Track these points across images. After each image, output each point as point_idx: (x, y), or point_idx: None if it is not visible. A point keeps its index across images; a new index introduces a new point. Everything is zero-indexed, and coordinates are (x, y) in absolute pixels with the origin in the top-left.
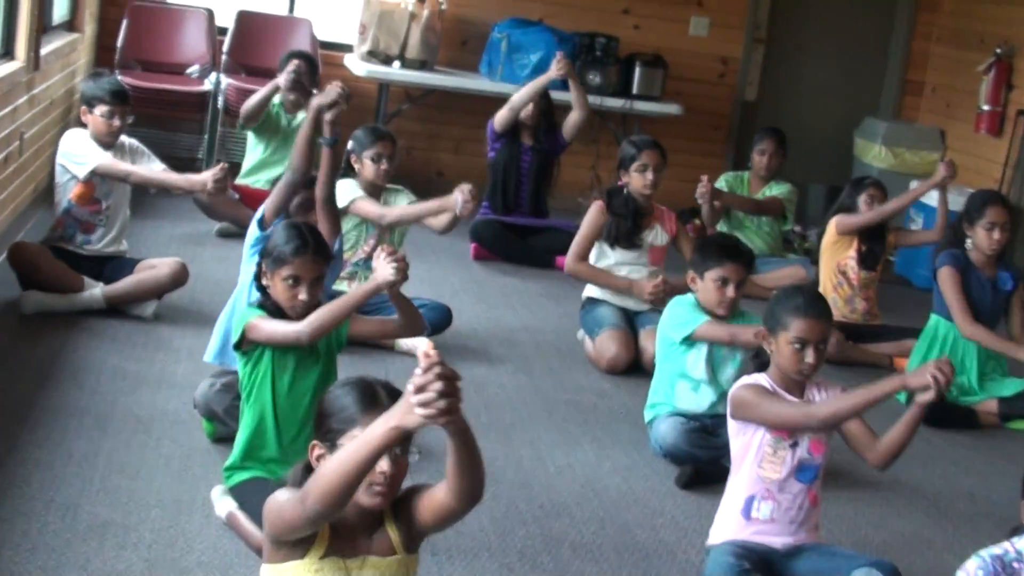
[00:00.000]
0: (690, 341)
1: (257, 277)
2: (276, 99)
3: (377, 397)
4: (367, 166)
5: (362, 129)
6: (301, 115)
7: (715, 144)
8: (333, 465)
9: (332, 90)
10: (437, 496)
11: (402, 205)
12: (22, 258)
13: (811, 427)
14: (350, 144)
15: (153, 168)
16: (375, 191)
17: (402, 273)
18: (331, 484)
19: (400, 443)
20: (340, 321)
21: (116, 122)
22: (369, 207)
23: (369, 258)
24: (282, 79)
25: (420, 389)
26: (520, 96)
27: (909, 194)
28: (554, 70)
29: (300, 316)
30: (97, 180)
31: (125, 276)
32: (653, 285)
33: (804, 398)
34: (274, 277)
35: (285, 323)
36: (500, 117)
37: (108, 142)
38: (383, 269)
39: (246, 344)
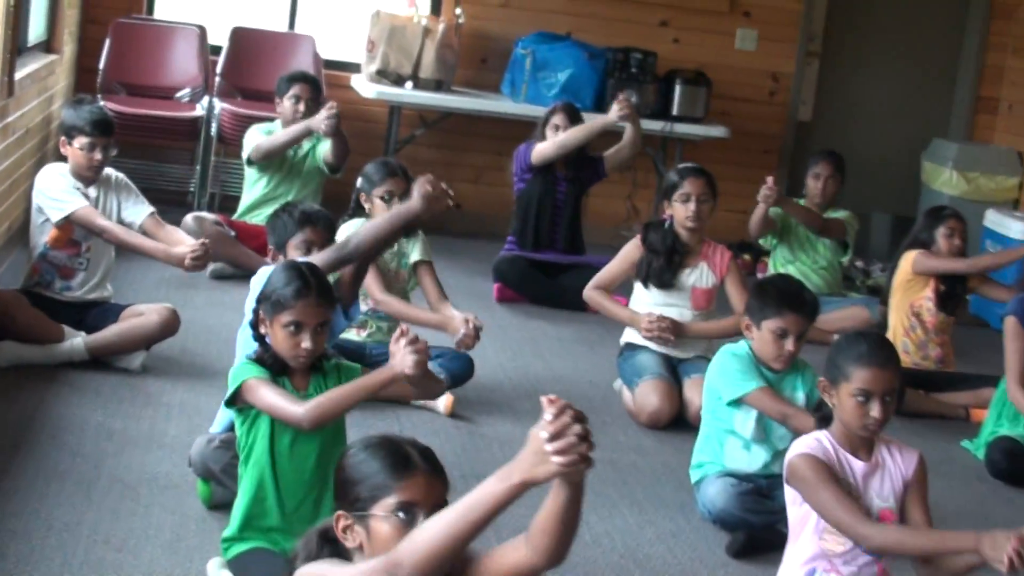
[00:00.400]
0: (739, 403)
1: (254, 325)
2: (277, 128)
3: (410, 460)
4: (377, 206)
5: (372, 164)
6: (307, 144)
7: (765, 170)
8: (437, 529)
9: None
10: (510, 557)
11: (397, 304)
12: None
13: (861, 545)
14: (359, 181)
15: (140, 216)
16: None
17: (422, 366)
18: (435, 550)
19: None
20: (346, 410)
21: (97, 155)
22: (370, 281)
23: (377, 306)
24: (321, 124)
25: (556, 436)
26: (572, 137)
27: (1013, 252)
28: (615, 112)
29: (303, 367)
30: (77, 220)
31: (109, 324)
32: (648, 321)
33: (873, 459)
34: (273, 324)
35: (286, 399)
36: (542, 152)
37: (89, 177)
38: (402, 359)
39: (240, 402)
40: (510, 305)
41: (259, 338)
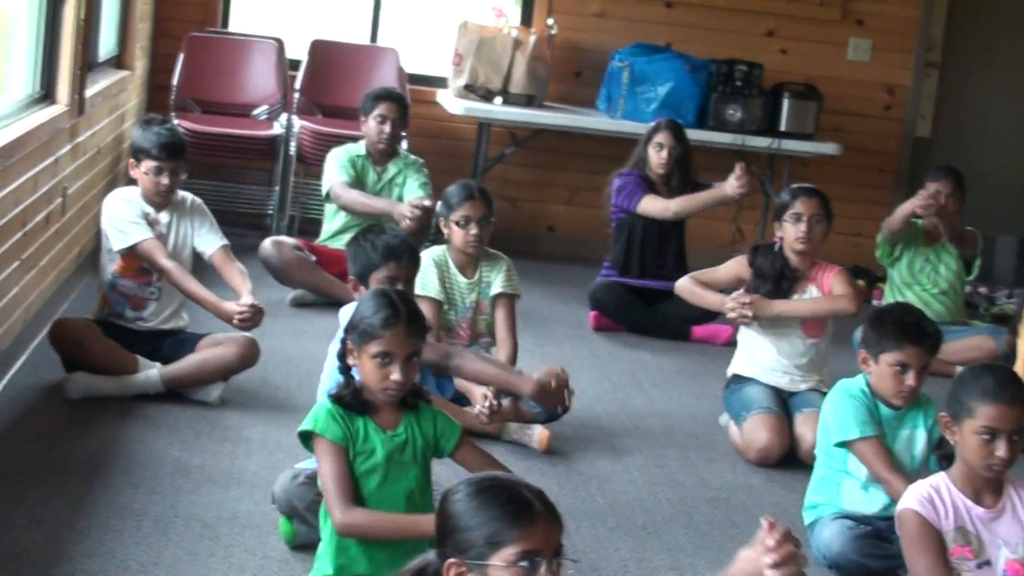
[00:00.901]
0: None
1: (342, 356)
2: (361, 150)
3: (531, 506)
4: (454, 232)
5: (452, 187)
6: (392, 168)
7: (881, 189)
8: None
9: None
10: None
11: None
12: (66, 337)
13: None
14: (439, 205)
15: (211, 247)
16: (467, 262)
17: None
18: None
19: None
20: (383, 539)
21: (164, 180)
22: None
23: (471, 341)
24: (404, 219)
25: (779, 564)
26: (682, 209)
27: None
28: (734, 186)
29: (393, 401)
30: (143, 249)
31: (186, 354)
32: (731, 300)
33: (999, 504)
34: (362, 355)
35: (337, 489)
36: (647, 210)
37: (158, 202)
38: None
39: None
40: (607, 334)
41: (345, 370)
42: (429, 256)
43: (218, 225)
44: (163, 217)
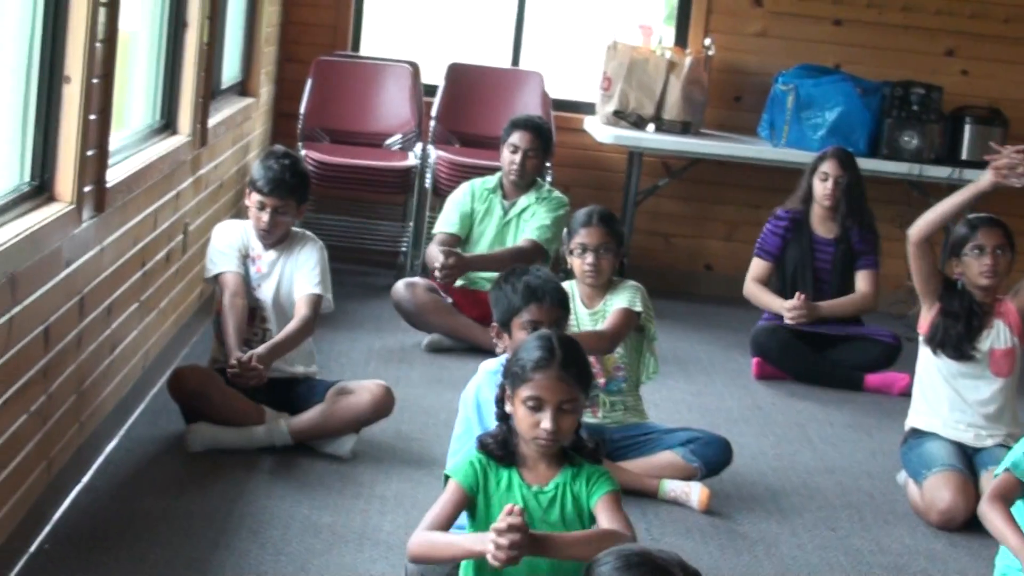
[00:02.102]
0: None
1: (500, 402)
2: (492, 182)
3: None
4: (573, 261)
5: (577, 212)
6: (524, 201)
7: None
8: None
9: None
10: None
11: None
12: (186, 385)
13: None
14: (564, 235)
15: (299, 292)
16: (591, 293)
17: (505, 562)
18: None
19: None
20: (442, 562)
21: (264, 217)
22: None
23: (608, 381)
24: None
25: None
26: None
27: None
28: (789, 316)
29: (545, 453)
30: (247, 276)
31: (315, 404)
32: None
33: None
34: (515, 400)
35: (430, 515)
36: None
37: (262, 239)
38: (489, 542)
39: None
40: (772, 383)
41: (502, 417)
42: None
43: (327, 272)
44: (269, 255)
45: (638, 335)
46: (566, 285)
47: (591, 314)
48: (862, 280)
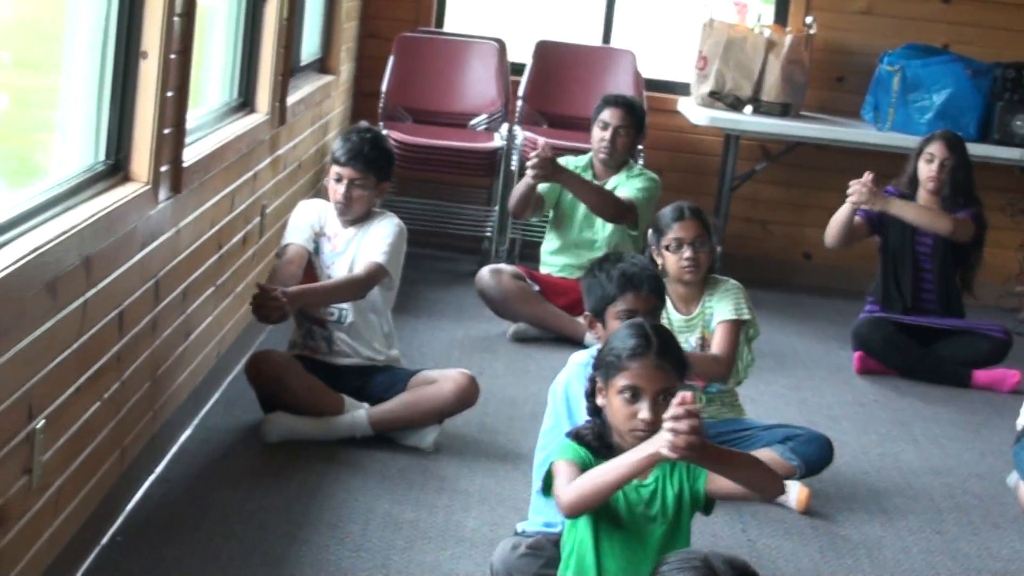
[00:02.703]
0: None
1: (590, 395)
2: (582, 161)
3: None
4: (667, 259)
5: (663, 209)
6: (614, 181)
7: None
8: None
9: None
10: None
11: None
12: (264, 372)
13: None
14: (649, 234)
15: (363, 260)
16: (686, 294)
17: (683, 450)
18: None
19: None
20: (607, 494)
21: (340, 189)
22: None
23: (708, 382)
24: (528, 171)
25: None
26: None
27: None
28: (849, 191)
29: (642, 442)
30: (321, 255)
31: (396, 393)
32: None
33: None
34: (609, 391)
35: (564, 483)
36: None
37: (341, 216)
38: (659, 436)
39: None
40: (874, 378)
41: (593, 411)
42: None
43: (398, 249)
44: (346, 233)
45: None
46: None
47: (687, 321)
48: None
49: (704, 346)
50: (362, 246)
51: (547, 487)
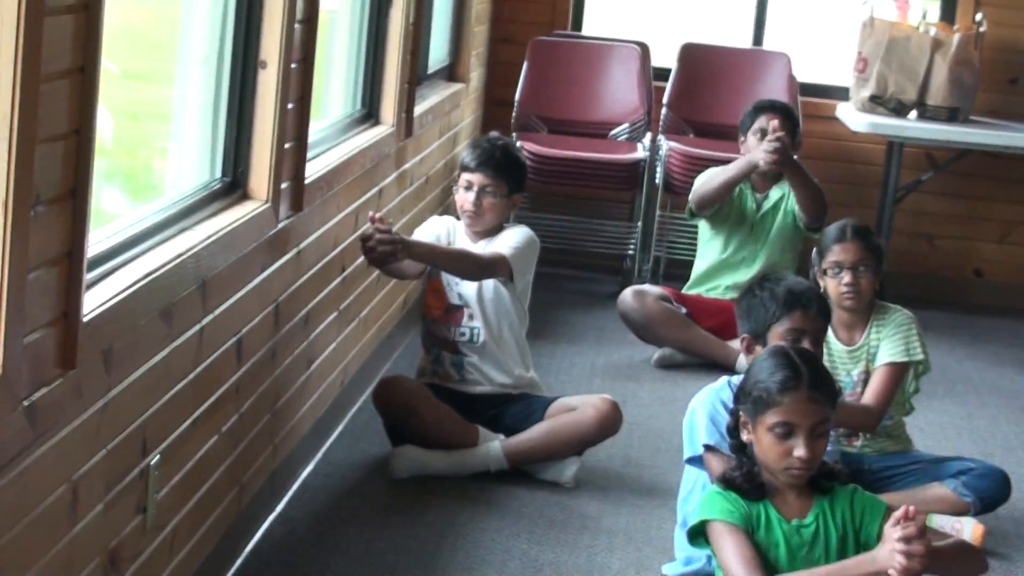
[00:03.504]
0: None
1: (733, 431)
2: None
3: None
4: (828, 284)
5: (826, 228)
6: (776, 192)
7: None
8: None
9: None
10: None
11: None
12: (393, 400)
13: None
14: (813, 254)
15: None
16: (849, 321)
17: (915, 572)
18: None
19: None
20: None
21: (470, 197)
22: None
23: None
24: (761, 154)
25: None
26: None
27: None
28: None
29: (799, 481)
30: (444, 275)
31: (533, 423)
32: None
33: None
34: (757, 427)
35: (744, 564)
36: None
37: (471, 228)
38: (889, 554)
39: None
40: None
41: (738, 448)
42: None
43: (527, 255)
44: (475, 248)
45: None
46: None
47: (850, 352)
48: None
49: (866, 382)
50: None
51: (694, 534)
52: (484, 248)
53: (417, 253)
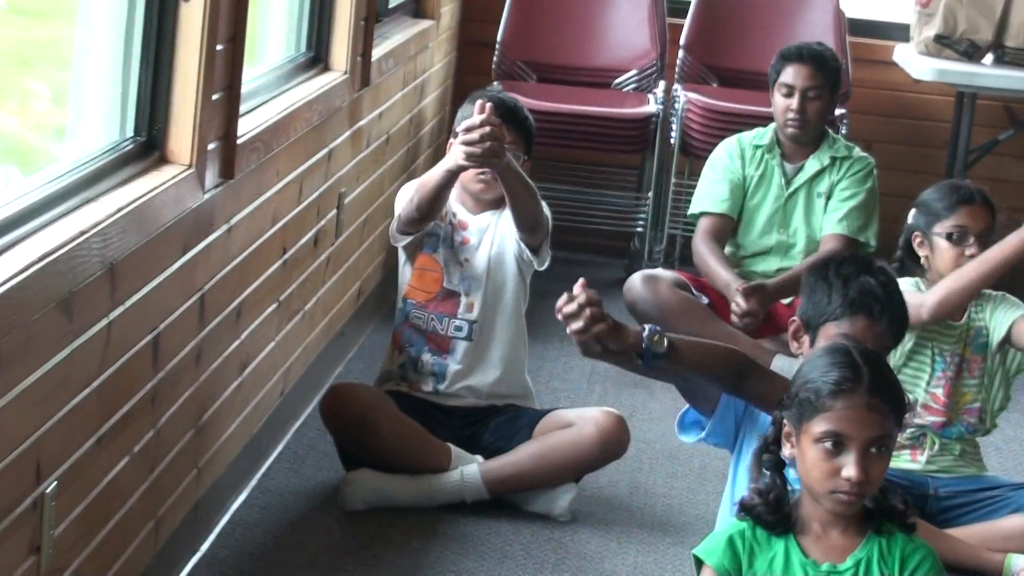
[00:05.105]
0: None
1: (769, 446)
2: (764, 139)
3: None
4: (940, 252)
5: (935, 188)
6: (813, 164)
7: None
8: None
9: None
10: None
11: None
12: (346, 413)
13: None
14: (911, 215)
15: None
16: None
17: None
18: None
19: None
20: None
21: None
22: None
23: (949, 423)
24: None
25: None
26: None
27: None
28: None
29: (846, 510)
30: (445, 251)
31: (519, 443)
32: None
33: None
34: (801, 438)
35: None
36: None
37: (481, 195)
38: None
39: None
40: None
41: (776, 465)
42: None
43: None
44: (480, 220)
45: (1002, 364)
46: (909, 283)
47: (957, 328)
48: None
49: (960, 367)
50: (503, 239)
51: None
52: (495, 222)
53: (510, 167)
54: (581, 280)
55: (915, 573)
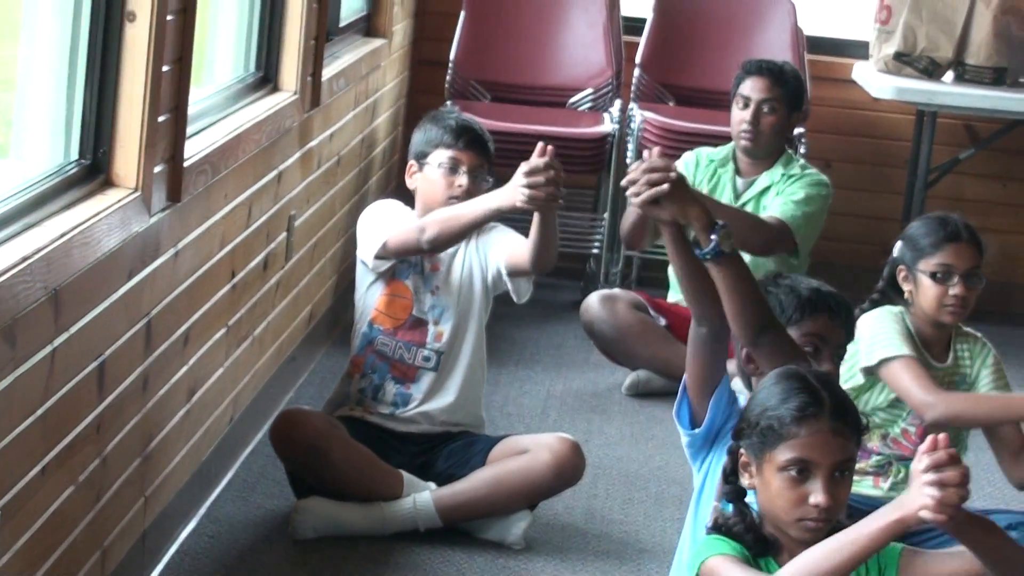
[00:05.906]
0: None
1: (731, 470)
2: (721, 152)
3: None
4: (924, 290)
5: (920, 222)
6: (764, 179)
7: None
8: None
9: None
10: None
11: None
12: (297, 439)
13: None
14: (896, 247)
15: (503, 254)
16: (935, 337)
17: (952, 509)
18: None
19: None
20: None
21: (462, 180)
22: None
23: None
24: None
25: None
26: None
27: None
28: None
29: (815, 537)
30: (415, 278)
31: (472, 469)
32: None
33: None
34: (763, 467)
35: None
36: None
37: None
38: (916, 496)
39: None
40: None
41: (736, 495)
42: (886, 312)
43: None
44: (463, 249)
45: None
46: (896, 311)
47: (941, 371)
48: None
49: None
50: (479, 258)
51: None
52: (477, 246)
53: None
54: (657, 149)
55: (882, 557)
